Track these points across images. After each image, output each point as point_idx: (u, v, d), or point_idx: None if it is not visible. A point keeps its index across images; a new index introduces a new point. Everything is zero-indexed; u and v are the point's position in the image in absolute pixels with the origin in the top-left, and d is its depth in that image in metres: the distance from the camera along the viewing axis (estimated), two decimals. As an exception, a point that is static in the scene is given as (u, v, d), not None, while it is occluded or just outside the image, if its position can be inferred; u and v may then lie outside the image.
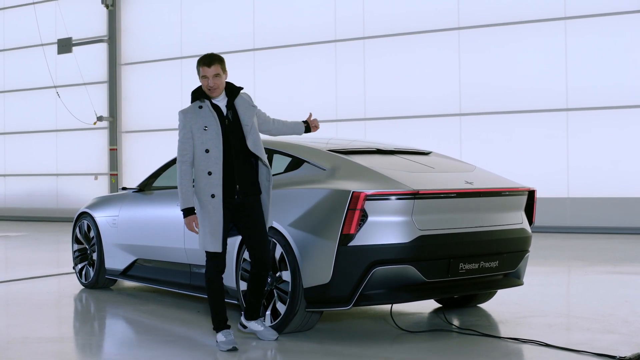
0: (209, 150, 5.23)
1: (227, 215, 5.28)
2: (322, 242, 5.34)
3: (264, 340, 5.47)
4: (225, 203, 5.25)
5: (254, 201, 5.36)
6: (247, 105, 5.43)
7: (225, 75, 5.36)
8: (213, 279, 5.35)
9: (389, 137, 15.57)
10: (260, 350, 5.30)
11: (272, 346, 5.36)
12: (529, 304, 6.86)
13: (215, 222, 5.22)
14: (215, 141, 5.23)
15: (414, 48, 16.46)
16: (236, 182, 5.29)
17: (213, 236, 5.22)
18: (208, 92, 5.30)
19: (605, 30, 14.60)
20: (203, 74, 5.28)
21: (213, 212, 5.21)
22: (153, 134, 20.26)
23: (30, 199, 22.13)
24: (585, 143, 14.79)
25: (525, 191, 6.14)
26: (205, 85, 5.29)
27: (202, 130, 5.25)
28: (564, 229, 14.86)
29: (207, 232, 5.23)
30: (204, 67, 5.28)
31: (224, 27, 18.98)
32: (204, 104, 5.31)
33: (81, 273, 8.27)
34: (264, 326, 5.52)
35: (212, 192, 5.21)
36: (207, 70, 5.26)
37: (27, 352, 5.35)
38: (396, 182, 5.40)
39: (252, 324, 5.53)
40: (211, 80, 5.26)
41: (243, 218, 5.37)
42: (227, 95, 5.38)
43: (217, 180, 5.22)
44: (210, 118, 5.27)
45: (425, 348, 5.32)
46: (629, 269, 9.52)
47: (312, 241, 5.41)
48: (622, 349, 5.09)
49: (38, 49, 21.48)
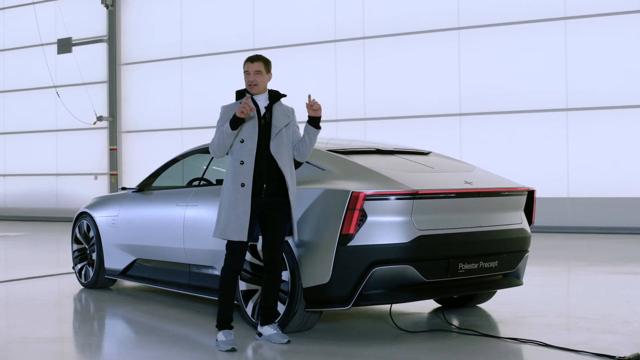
0: (244, 140, 5.27)
1: (253, 211, 5.27)
2: (322, 242, 5.34)
3: (276, 344, 5.40)
4: (252, 199, 5.25)
5: (280, 203, 5.34)
6: (284, 113, 5.45)
7: (268, 77, 5.46)
8: (228, 277, 5.34)
9: (389, 137, 15.56)
10: (259, 351, 5.30)
11: (271, 346, 5.35)
12: (529, 304, 6.85)
13: (242, 211, 5.21)
14: (251, 133, 5.29)
15: (414, 48, 16.46)
16: (264, 182, 5.31)
17: (238, 225, 5.20)
18: (248, 87, 5.39)
19: (605, 30, 14.59)
20: (246, 69, 5.41)
21: (241, 200, 5.22)
22: (153, 134, 20.26)
23: (30, 198, 22.13)
24: (585, 143, 14.79)
25: (525, 191, 6.14)
26: (247, 80, 5.39)
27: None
28: (563, 228, 14.85)
29: (231, 221, 5.21)
30: (247, 62, 5.42)
31: (224, 27, 18.98)
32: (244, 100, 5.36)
33: (81, 273, 8.27)
34: (277, 330, 5.47)
35: (242, 181, 5.24)
36: (250, 65, 5.39)
37: (27, 352, 5.35)
38: (395, 182, 5.40)
39: (265, 329, 5.48)
40: (252, 75, 5.36)
41: (266, 218, 5.36)
42: (269, 98, 5.45)
43: (249, 171, 5.25)
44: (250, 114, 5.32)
45: (425, 348, 5.31)
46: (628, 269, 9.51)
47: (311, 241, 5.41)
48: (621, 349, 5.09)
49: (38, 48, 21.48)
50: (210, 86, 18.99)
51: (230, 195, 5.25)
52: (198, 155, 7.41)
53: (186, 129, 19.62)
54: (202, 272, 6.63)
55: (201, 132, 18.92)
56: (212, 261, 6.41)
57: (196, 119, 19.33)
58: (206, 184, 7.01)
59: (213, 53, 19.11)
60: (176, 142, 19.44)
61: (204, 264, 6.58)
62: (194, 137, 18.85)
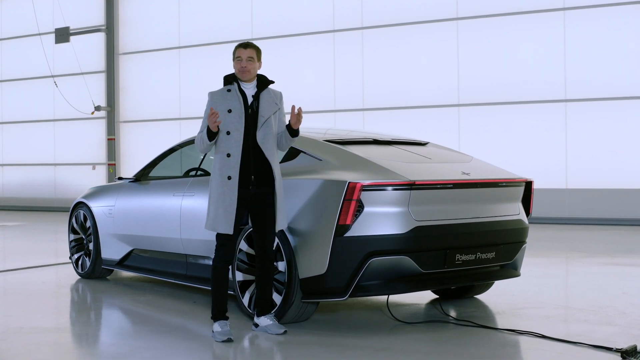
0: (230, 132, 5.25)
1: (241, 202, 5.27)
2: (318, 233, 5.32)
3: (272, 334, 5.40)
4: (240, 191, 5.25)
5: (269, 193, 5.33)
6: (271, 101, 5.40)
7: (258, 65, 5.43)
8: (220, 268, 5.35)
9: (387, 127, 15.53)
10: (255, 341, 5.29)
11: (268, 337, 5.35)
12: (526, 296, 6.85)
13: (228, 204, 5.22)
14: (237, 124, 5.26)
15: (413, 38, 16.42)
16: (252, 173, 5.29)
17: (226, 217, 5.21)
18: (239, 74, 5.35)
19: (604, 21, 14.56)
20: (238, 55, 5.36)
21: (228, 193, 5.22)
22: (151, 123, 20.23)
23: (27, 188, 22.11)
24: (583, 134, 14.77)
25: (523, 182, 6.13)
26: (238, 67, 5.34)
27: (225, 113, 5.27)
28: (562, 220, 14.86)
29: (219, 213, 5.22)
30: (240, 49, 5.38)
31: (223, 17, 18.92)
32: (232, 87, 5.36)
33: (77, 263, 8.25)
34: (273, 320, 5.47)
35: (229, 173, 5.23)
36: (242, 51, 5.36)
37: (23, 342, 5.33)
38: (393, 172, 5.38)
39: (262, 320, 5.48)
40: (245, 62, 5.33)
41: (256, 209, 5.36)
42: (257, 86, 5.42)
43: (235, 163, 5.23)
44: (235, 102, 5.31)
45: (422, 339, 5.30)
46: (626, 260, 9.51)
47: (308, 232, 5.39)
48: (619, 340, 5.08)
49: (35, 38, 21.41)
50: (208, 76, 18.93)
51: (217, 188, 5.25)
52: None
53: (184, 119, 19.59)
54: (198, 263, 6.62)
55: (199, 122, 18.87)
56: (209, 251, 6.39)
57: (194, 109, 19.28)
58: (203, 174, 6.98)
59: (211, 43, 19.06)
60: (174, 132, 19.42)
61: (201, 254, 6.57)
62: (192, 127, 18.84)
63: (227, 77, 5.44)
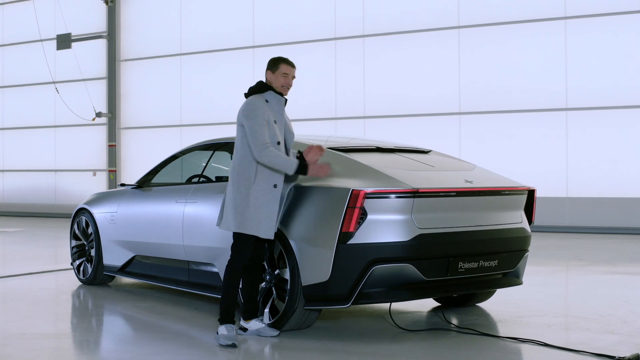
0: (279, 142, 5.38)
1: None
2: (321, 240, 5.32)
3: (265, 337, 5.46)
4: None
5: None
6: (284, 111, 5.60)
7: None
8: (236, 273, 5.41)
9: (388, 135, 15.55)
10: (258, 348, 5.29)
11: (271, 343, 5.35)
12: (528, 304, 6.85)
13: (272, 211, 5.33)
14: (281, 136, 5.43)
15: (414, 46, 16.45)
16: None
17: (269, 224, 5.32)
18: (282, 88, 5.49)
19: (605, 30, 14.59)
20: (285, 71, 5.48)
21: (273, 201, 5.34)
22: (152, 130, 20.24)
23: (28, 194, 22.11)
24: (584, 143, 14.79)
25: (525, 190, 6.13)
26: (285, 83, 5.49)
27: (272, 123, 5.37)
28: (562, 228, 14.86)
29: (263, 219, 5.30)
30: (288, 66, 5.50)
31: (224, 24, 18.96)
32: (270, 98, 5.45)
33: (79, 269, 8.25)
34: (264, 323, 5.52)
35: (275, 182, 5.36)
36: (290, 69, 5.51)
37: (24, 348, 5.33)
38: (396, 180, 5.38)
39: (252, 323, 5.53)
40: (290, 79, 5.52)
41: None
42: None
43: (282, 173, 5.40)
44: (278, 114, 5.46)
45: (424, 347, 5.30)
46: (628, 269, 9.51)
47: (311, 239, 5.39)
48: (620, 349, 5.08)
49: (37, 44, 21.45)
50: (209, 83, 18.98)
51: (262, 195, 5.32)
52: (198, 152, 7.39)
53: (185, 125, 19.60)
54: (201, 269, 6.62)
55: (200, 128, 18.92)
56: (211, 258, 6.40)
57: (195, 115, 19.32)
58: (205, 180, 6.99)
59: (212, 50, 19.09)
60: (175, 138, 19.44)
61: (203, 261, 6.57)
62: (193, 133, 18.86)
63: (263, 85, 5.49)
